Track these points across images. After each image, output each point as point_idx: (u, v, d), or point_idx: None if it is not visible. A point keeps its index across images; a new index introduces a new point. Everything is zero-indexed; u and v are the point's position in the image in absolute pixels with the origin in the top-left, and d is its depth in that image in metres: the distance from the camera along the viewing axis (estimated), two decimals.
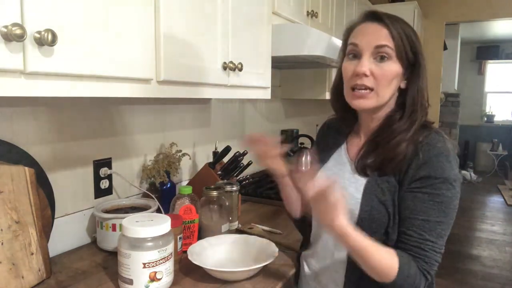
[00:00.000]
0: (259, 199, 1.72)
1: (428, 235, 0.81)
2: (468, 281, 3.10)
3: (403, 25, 0.87)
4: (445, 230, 0.82)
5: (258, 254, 1.08)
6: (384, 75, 0.84)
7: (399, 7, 3.38)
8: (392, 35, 0.84)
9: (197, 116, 1.72)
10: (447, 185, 0.81)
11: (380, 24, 0.85)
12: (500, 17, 3.94)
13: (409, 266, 0.80)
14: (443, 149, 0.82)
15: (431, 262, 0.81)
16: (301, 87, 2.43)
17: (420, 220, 0.81)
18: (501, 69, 7.56)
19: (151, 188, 1.42)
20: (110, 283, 0.97)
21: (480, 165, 7.44)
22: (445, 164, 0.81)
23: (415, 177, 0.82)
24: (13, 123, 1.03)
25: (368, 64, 0.84)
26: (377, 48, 0.84)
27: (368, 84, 0.85)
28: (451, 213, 0.82)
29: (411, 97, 0.88)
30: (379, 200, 0.84)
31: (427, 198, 0.81)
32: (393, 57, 0.84)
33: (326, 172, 1.00)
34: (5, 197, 0.89)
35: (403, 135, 0.85)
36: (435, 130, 0.86)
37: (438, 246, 0.81)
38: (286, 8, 1.64)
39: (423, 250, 0.81)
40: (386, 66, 0.84)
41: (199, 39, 1.11)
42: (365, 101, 0.87)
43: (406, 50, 0.85)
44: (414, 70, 0.88)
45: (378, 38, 0.84)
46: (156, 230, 0.88)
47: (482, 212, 4.94)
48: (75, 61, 0.75)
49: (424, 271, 0.81)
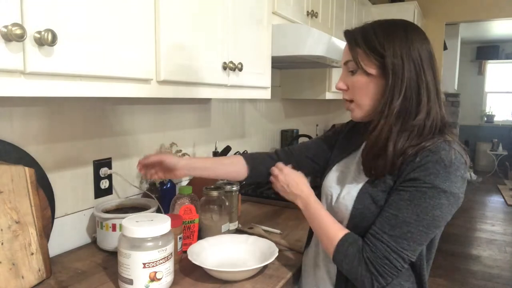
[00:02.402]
0: (259, 199, 1.72)
1: (389, 229, 0.79)
2: (468, 281, 3.10)
3: (367, 26, 0.87)
4: (413, 234, 0.77)
5: (258, 254, 1.08)
6: (354, 86, 0.89)
7: (399, 7, 3.38)
8: (350, 48, 0.88)
9: (197, 116, 1.72)
10: (433, 193, 0.76)
11: (347, 41, 0.90)
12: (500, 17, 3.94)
13: (349, 245, 0.83)
14: (445, 158, 0.77)
15: (378, 255, 0.79)
16: (301, 87, 2.43)
17: (389, 213, 0.80)
18: (501, 69, 7.56)
19: (151, 188, 1.43)
20: (110, 283, 0.97)
21: (480, 165, 7.45)
22: (440, 172, 0.76)
23: (406, 178, 0.80)
24: (13, 123, 1.03)
25: (344, 78, 0.92)
26: (345, 65, 0.91)
27: (346, 97, 0.93)
28: (426, 221, 0.77)
29: (392, 105, 0.83)
30: (372, 200, 0.85)
31: (407, 196, 0.79)
32: (359, 68, 0.87)
33: (337, 167, 1.02)
34: (5, 197, 0.89)
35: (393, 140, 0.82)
36: (446, 139, 0.81)
37: (395, 245, 0.78)
38: (286, 8, 1.64)
39: (375, 239, 0.80)
40: (355, 78, 0.88)
41: (199, 39, 1.11)
42: (353, 113, 0.93)
43: (370, 58, 0.84)
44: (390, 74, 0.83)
45: (344, 55, 0.91)
46: (156, 230, 0.88)
47: (482, 212, 4.94)
48: (75, 61, 0.75)
49: (366, 259, 0.79)
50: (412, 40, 0.83)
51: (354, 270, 0.81)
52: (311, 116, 3.01)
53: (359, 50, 0.85)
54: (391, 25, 0.86)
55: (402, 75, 0.81)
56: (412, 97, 0.82)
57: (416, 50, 0.82)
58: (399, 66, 0.81)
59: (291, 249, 1.19)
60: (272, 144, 2.44)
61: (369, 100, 0.87)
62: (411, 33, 0.84)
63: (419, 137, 0.82)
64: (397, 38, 0.83)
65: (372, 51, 0.84)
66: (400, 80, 0.82)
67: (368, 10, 3.01)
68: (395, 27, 0.85)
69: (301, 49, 1.52)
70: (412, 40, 0.83)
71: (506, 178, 6.75)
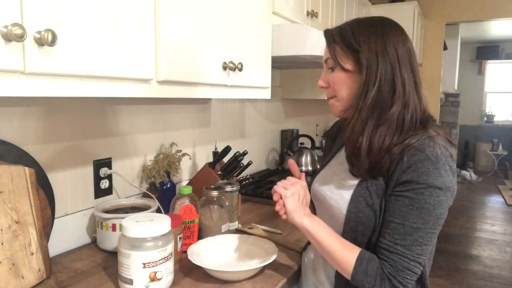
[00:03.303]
0: (259, 199, 1.72)
1: (400, 239, 0.79)
2: (468, 281, 3.10)
3: (347, 28, 0.88)
4: (423, 238, 0.79)
5: (258, 254, 1.08)
6: (334, 82, 0.91)
7: (399, 7, 3.38)
8: (328, 45, 0.91)
9: (197, 116, 1.72)
10: (430, 192, 0.77)
11: (326, 39, 0.93)
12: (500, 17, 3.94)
13: (368, 264, 0.81)
14: (431, 155, 0.78)
15: (399, 268, 0.79)
16: (301, 87, 2.43)
17: (396, 223, 0.80)
18: (501, 69, 7.56)
19: (151, 188, 1.43)
20: (110, 283, 0.97)
21: (480, 165, 7.44)
22: (431, 170, 0.77)
23: (398, 181, 0.80)
24: (13, 123, 1.03)
25: (325, 76, 0.94)
26: (325, 63, 0.93)
27: (328, 95, 0.95)
28: (432, 221, 0.78)
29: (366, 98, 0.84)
30: (366, 203, 0.84)
31: (407, 202, 0.79)
32: (336, 65, 0.89)
33: (326, 170, 1.02)
34: (5, 197, 0.89)
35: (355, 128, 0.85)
36: (429, 135, 0.81)
37: (411, 253, 0.79)
38: (286, 8, 1.64)
39: (392, 253, 0.80)
40: (334, 74, 0.90)
41: (199, 39, 1.11)
42: (333, 109, 0.95)
43: (347, 54, 0.87)
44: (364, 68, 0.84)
45: (325, 54, 0.94)
46: (156, 230, 0.88)
47: (482, 212, 4.94)
48: (75, 61, 0.75)
49: (388, 275, 0.79)
50: (388, 36, 0.85)
51: (372, 282, 0.80)
52: (311, 116, 3.01)
53: (337, 47, 0.89)
54: (368, 22, 0.88)
55: (376, 69, 0.83)
56: (386, 90, 0.83)
57: (391, 45, 0.84)
58: (373, 61, 0.83)
59: (291, 249, 1.19)
60: (272, 144, 2.44)
61: (347, 94, 0.89)
62: (388, 29, 0.86)
63: (401, 133, 0.83)
64: (372, 34, 0.85)
65: (348, 47, 0.86)
66: (374, 74, 0.83)
67: (368, 10, 3.01)
68: (372, 23, 0.87)
69: (301, 49, 1.52)
70: (388, 36, 0.85)
71: (506, 178, 6.75)
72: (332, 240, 0.85)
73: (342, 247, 0.84)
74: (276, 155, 2.50)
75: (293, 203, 0.88)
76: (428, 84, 4.09)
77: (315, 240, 0.86)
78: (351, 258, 0.82)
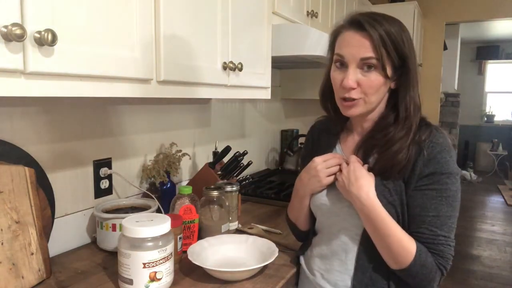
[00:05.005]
0: (259, 199, 1.72)
1: (440, 230, 0.83)
2: (468, 281, 3.10)
3: (389, 27, 0.83)
4: (454, 223, 0.85)
5: (258, 254, 1.08)
6: (370, 86, 0.85)
7: (399, 7, 3.38)
8: (374, 46, 0.82)
9: (197, 116, 1.72)
10: (452, 179, 0.83)
11: (363, 33, 0.83)
12: (500, 17, 3.94)
13: (427, 255, 0.83)
14: (445, 145, 0.84)
15: (447, 257, 0.83)
16: (301, 87, 2.43)
17: (431, 216, 0.83)
18: (501, 69, 7.56)
19: (151, 188, 1.43)
20: (110, 283, 0.97)
21: (480, 165, 7.44)
22: (448, 159, 0.84)
23: (421, 175, 0.84)
24: (13, 123, 1.03)
25: (354, 75, 0.85)
26: (362, 60, 0.84)
27: (355, 97, 0.86)
28: (457, 206, 0.85)
29: (403, 103, 0.88)
30: (387, 200, 0.85)
31: (436, 194, 0.83)
32: (378, 66, 0.83)
33: None
34: (5, 197, 0.89)
35: (403, 142, 0.85)
36: (435, 127, 0.88)
37: (450, 240, 0.84)
38: (286, 8, 1.64)
39: (437, 245, 0.83)
40: (373, 76, 0.84)
41: (199, 39, 1.11)
42: (355, 109, 0.89)
43: (392, 57, 0.84)
44: (402, 74, 0.87)
45: (363, 50, 0.83)
46: (156, 230, 0.88)
47: (482, 212, 4.94)
48: (75, 61, 0.75)
49: (440, 266, 0.83)
50: (412, 42, 0.88)
51: (430, 277, 0.83)
52: (311, 116, 3.00)
53: (383, 51, 0.83)
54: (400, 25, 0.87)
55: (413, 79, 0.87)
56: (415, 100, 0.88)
57: (414, 52, 0.88)
58: (414, 71, 0.87)
59: (291, 249, 1.19)
60: (272, 144, 2.44)
61: (379, 97, 0.89)
62: (408, 34, 0.89)
63: (408, 129, 0.87)
64: (411, 43, 0.87)
65: (400, 56, 0.85)
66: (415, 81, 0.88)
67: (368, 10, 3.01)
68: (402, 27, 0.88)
69: (301, 49, 1.52)
70: (412, 42, 0.89)
71: (506, 178, 6.75)
72: (395, 224, 0.84)
73: (404, 234, 0.84)
74: (276, 155, 2.50)
75: (365, 173, 0.86)
76: (428, 84, 4.09)
77: (377, 220, 0.83)
78: (412, 247, 0.82)
